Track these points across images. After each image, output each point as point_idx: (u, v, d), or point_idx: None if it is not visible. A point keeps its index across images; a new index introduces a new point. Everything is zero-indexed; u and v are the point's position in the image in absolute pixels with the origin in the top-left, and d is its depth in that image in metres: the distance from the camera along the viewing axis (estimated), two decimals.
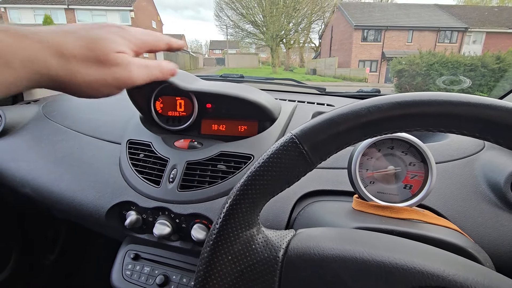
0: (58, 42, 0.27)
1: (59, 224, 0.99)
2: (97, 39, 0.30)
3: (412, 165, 0.43)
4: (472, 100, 0.23)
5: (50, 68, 0.26)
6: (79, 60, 0.28)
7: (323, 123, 0.26)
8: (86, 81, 0.29)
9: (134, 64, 0.33)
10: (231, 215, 0.26)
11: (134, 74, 0.33)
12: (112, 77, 0.31)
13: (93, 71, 0.29)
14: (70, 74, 0.28)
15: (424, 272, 0.22)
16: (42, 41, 0.26)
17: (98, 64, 0.29)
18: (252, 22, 21.72)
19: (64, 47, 0.27)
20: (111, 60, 0.30)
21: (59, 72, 0.27)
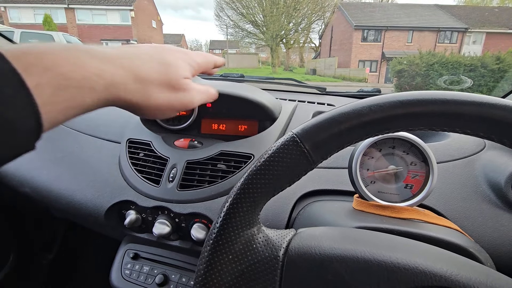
0: (137, 66, 0.29)
1: (58, 223, 0.99)
2: (169, 64, 0.32)
3: (413, 164, 0.42)
4: (476, 99, 0.23)
5: (129, 92, 0.28)
6: (154, 84, 0.30)
7: (324, 122, 0.26)
8: (158, 104, 0.31)
9: (195, 90, 0.36)
10: (231, 214, 0.26)
11: (195, 99, 0.36)
12: (178, 101, 0.33)
13: (165, 95, 0.31)
14: (144, 97, 0.29)
15: (426, 272, 0.21)
16: (124, 66, 0.27)
17: (169, 88, 0.32)
18: (252, 22, 21.72)
19: (142, 72, 0.29)
20: (180, 85, 0.33)
21: (135, 95, 0.28)
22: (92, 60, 0.24)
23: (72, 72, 0.22)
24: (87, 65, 0.24)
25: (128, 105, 0.29)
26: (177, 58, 0.34)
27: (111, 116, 0.75)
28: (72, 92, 0.23)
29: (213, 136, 0.67)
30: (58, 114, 0.22)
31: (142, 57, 0.30)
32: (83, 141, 0.69)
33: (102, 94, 0.25)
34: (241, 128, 0.67)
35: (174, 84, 0.32)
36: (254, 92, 0.64)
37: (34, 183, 0.62)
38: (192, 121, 0.67)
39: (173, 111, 0.34)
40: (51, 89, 0.21)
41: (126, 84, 0.27)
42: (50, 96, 0.21)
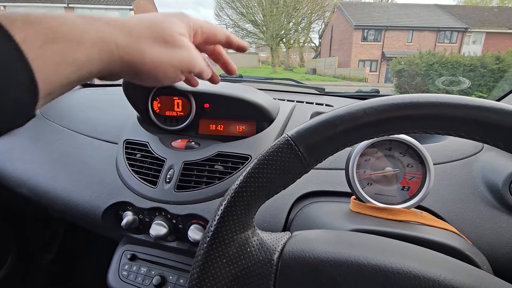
0: (125, 23, 0.28)
1: (56, 224, 0.99)
2: (160, 21, 0.31)
3: (410, 166, 0.42)
4: (470, 103, 0.22)
5: (120, 47, 0.27)
6: (146, 39, 0.29)
7: (319, 124, 0.25)
8: (154, 61, 0.30)
9: (195, 49, 0.34)
10: (225, 217, 0.25)
11: (197, 60, 0.34)
12: (177, 58, 0.31)
13: (160, 51, 0.30)
14: (139, 54, 0.28)
15: (420, 277, 0.21)
16: (110, 23, 0.27)
17: (164, 44, 0.30)
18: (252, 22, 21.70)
19: (131, 28, 0.28)
20: (176, 41, 0.31)
21: (128, 51, 0.28)
22: (77, 18, 0.24)
23: (58, 27, 0.22)
24: (71, 21, 0.24)
25: (124, 65, 0.28)
26: (170, 16, 0.33)
27: (108, 116, 0.75)
28: (60, 46, 0.22)
29: (210, 137, 0.67)
30: (51, 71, 0.22)
31: (131, 19, 0.29)
32: (80, 141, 0.69)
33: (93, 50, 0.25)
34: (238, 129, 0.67)
35: (168, 39, 0.30)
36: (252, 93, 0.64)
37: (31, 184, 0.62)
38: (189, 122, 0.67)
39: (175, 71, 0.32)
40: (39, 42, 0.21)
41: (116, 40, 0.27)
42: (39, 49, 0.21)
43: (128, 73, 0.30)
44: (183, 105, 0.68)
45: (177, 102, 0.68)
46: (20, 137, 0.72)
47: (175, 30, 0.31)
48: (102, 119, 0.74)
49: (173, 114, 0.69)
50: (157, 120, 0.69)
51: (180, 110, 0.68)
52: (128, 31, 0.28)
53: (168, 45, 0.31)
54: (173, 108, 0.68)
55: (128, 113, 0.71)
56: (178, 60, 0.32)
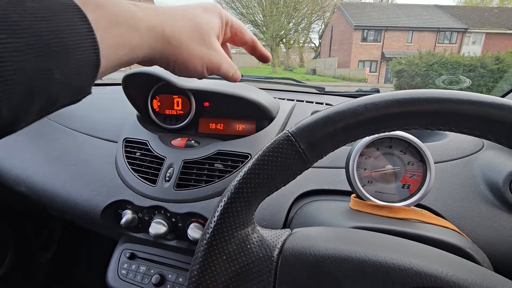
0: (172, 16, 0.31)
1: (55, 222, 0.99)
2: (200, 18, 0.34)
3: (411, 164, 0.42)
4: (472, 98, 0.22)
5: (165, 36, 0.30)
6: (187, 33, 0.32)
7: (319, 120, 0.25)
8: (190, 54, 0.33)
9: (224, 55, 0.37)
10: (225, 214, 0.25)
11: (223, 64, 0.37)
12: (208, 57, 0.34)
13: (195, 47, 0.33)
14: (179, 45, 0.31)
15: (422, 273, 0.21)
16: (160, 13, 0.30)
17: (200, 42, 0.33)
18: (252, 22, 21.69)
19: (176, 20, 0.31)
20: (210, 42, 0.35)
21: (170, 41, 0.30)
22: (134, 7, 0.27)
23: (120, 12, 0.25)
24: (132, 9, 0.27)
25: (163, 53, 0.31)
26: (207, 11, 0.35)
27: (107, 115, 0.75)
28: (121, 29, 0.25)
29: (210, 136, 0.67)
30: (110, 50, 0.24)
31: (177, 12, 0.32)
32: (80, 140, 0.69)
33: (145, 35, 0.28)
34: (238, 128, 0.67)
35: (205, 39, 0.34)
36: (252, 92, 0.64)
37: (30, 182, 0.62)
38: (189, 120, 0.67)
39: (203, 68, 0.35)
40: (105, 24, 0.23)
41: (163, 29, 0.29)
42: (104, 31, 0.23)
43: (165, 61, 0.32)
44: (183, 103, 0.68)
45: (177, 101, 0.68)
46: (19, 135, 0.72)
47: (211, 30, 0.35)
48: (101, 118, 0.74)
49: (172, 113, 0.68)
50: (157, 118, 0.69)
51: (179, 108, 0.68)
52: (174, 23, 0.31)
53: (203, 44, 0.34)
54: (173, 107, 0.68)
55: (128, 112, 0.71)
56: (208, 59, 0.35)
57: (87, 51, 0.22)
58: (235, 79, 0.42)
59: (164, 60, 0.32)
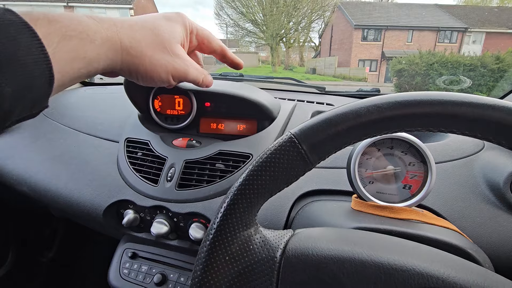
0: (130, 26, 0.31)
1: (56, 222, 0.99)
2: (161, 27, 0.34)
3: (412, 165, 0.42)
4: (474, 100, 0.22)
5: (123, 47, 0.30)
6: (147, 43, 0.32)
7: (322, 122, 0.26)
8: (152, 64, 0.33)
9: (190, 61, 0.37)
10: (228, 214, 0.25)
11: (189, 70, 0.37)
12: (172, 65, 0.35)
13: (158, 56, 0.33)
14: (140, 55, 0.32)
15: (423, 274, 0.21)
16: (117, 24, 0.30)
17: (162, 50, 0.34)
18: (252, 21, 21.67)
19: (135, 30, 0.32)
20: (173, 50, 0.35)
21: (130, 51, 0.31)
22: (89, 19, 0.28)
23: (74, 25, 0.25)
24: (85, 22, 0.27)
25: (124, 64, 0.31)
26: (170, 20, 0.36)
27: (109, 115, 0.75)
28: (75, 42, 0.25)
29: (211, 136, 0.67)
30: (65, 64, 0.25)
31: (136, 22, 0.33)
32: (81, 140, 0.69)
33: (102, 48, 0.28)
34: (239, 128, 0.67)
35: (166, 47, 0.34)
36: (253, 92, 0.64)
37: (32, 182, 0.62)
38: (190, 120, 0.67)
39: (168, 76, 0.35)
40: (57, 38, 0.24)
41: (122, 40, 0.30)
42: (57, 45, 0.24)
43: (127, 72, 0.32)
44: (184, 103, 0.68)
45: (178, 101, 0.68)
46: (21, 135, 0.72)
47: (173, 39, 0.35)
48: (103, 118, 0.74)
49: (174, 113, 0.69)
50: (158, 118, 0.69)
51: (181, 108, 0.68)
52: (133, 34, 0.31)
53: (166, 52, 0.34)
54: (174, 107, 0.68)
55: (129, 112, 0.71)
56: (172, 67, 0.35)
57: (39, 66, 0.22)
58: (206, 85, 0.42)
59: (126, 70, 0.32)
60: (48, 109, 0.79)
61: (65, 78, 0.25)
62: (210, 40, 0.42)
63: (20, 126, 0.75)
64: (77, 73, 0.26)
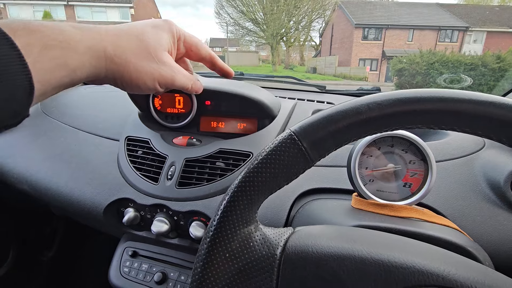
0: (115, 34, 0.31)
1: (57, 220, 0.99)
2: (147, 34, 0.34)
3: (412, 163, 0.42)
4: (474, 97, 0.22)
5: (108, 55, 0.30)
6: (133, 51, 0.32)
7: (322, 120, 0.25)
8: (137, 71, 0.33)
9: (177, 68, 0.37)
10: (228, 212, 0.25)
11: (176, 77, 0.37)
12: (158, 73, 0.34)
13: (143, 63, 0.33)
14: (125, 63, 0.31)
15: (424, 271, 0.21)
16: (101, 32, 0.30)
17: (148, 58, 0.33)
18: (252, 20, 21.64)
19: (120, 38, 0.31)
20: (159, 57, 0.34)
21: (115, 60, 0.31)
22: (72, 28, 0.27)
23: (55, 35, 0.25)
24: (67, 31, 0.27)
25: (109, 72, 0.31)
26: (156, 27, 0.35)
27: (109, 114, 0.75)
28: (57, 52, 0.25)
29: (212, 134, 0.67)
30: (47, 73, 0.24)
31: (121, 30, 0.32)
32: (82, 138, 0.69)
33: (85, 57, 0.28)
34: (240, 126, 0.67)
35: (152, 54, 0.34)
36: (253, 90, 0.64)
37: (33, 181, 0.62)
38: (190, 119, 0.67)
39: (154, 83, 0.35)
40: (38, 48, 0.24)
41: (106, 49, 0.30)
42: (38, 55, 0.24)
43: (112, 79, 0.32)
44: (184, 102, 0.68)
45: (178, 99, 0.68)
46: (21, 134, 0.72)
47: (160, 46, 0.35)
48: (103, 116, 0.74)
49: (174, 111, 0.69)
50: (158, 117, 0.69)
51: (181, 107, 0.68)
52: (117, 42, 0.31)
53: (152, 59, 0.34)
54: (174, 105, 0.68)
55: (129, 110, 0.71)
56: (158, 74, 0.34)
57: (18, 77, 0.22)
58: (196, 91, 0.42)
59: (110, 78, 0.32)
60: (49, 107, 0.79)
61: (46, 88, 0.25)
62: (199, 47, 0.41)
63: (21, 124, 0.74)
64: (59, 81, 0.26)
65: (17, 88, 0.22)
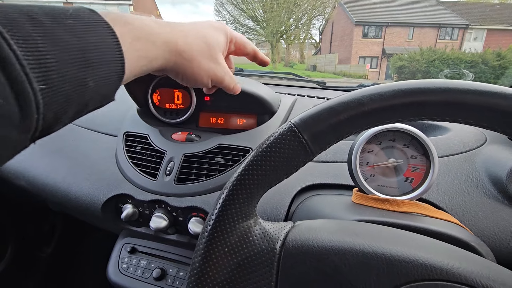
0: (186, 32, 0.35)
1: (56, 217, 0.99)
2: (210, 36, 0.38)
3: (414, 158, 0.42)
4: (480, 88, 0.22)
5: (179, 50, 0.33)
6: (197, 49, 0.36)
7: (323, 111, 0.25)
8: (199, 68, 0.36)
9: (227, 69, 0.41)
10: (227, 206, 0.25)
11: (225, 77, 0.41)
12: (213, 71, 0.38)
13: (204, 62, 0.37)
14: (190, 59, 0.35)
15: (427, 265, 0.21)
16: (175, 29, 0.33)
17: (209, 57, 0.37)
18: (252, 18, 21.57)
19: (188, 37, 0.35)
20: (217, 58, 0.38)
21: (183, 55, 0.34)
22: (153, 23, 0.31)
23: (143, 27, 0.28)
24: (151, 25, 0.30)
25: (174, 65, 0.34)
26: (215, 29, 0.39)
27: (107, 109, 0.74)
28: (142, 43, 0.28)
29: (211, 130, 0.66)
30: (133, 62, 0.27)
31: (190, 29, 0.35)
32: (79, 134, 0.68)
33: (161, 49, 0.31)
34: (239, 122, 0.66)
35: (212, 55, 0.37)
36: (253, 85, 0.64)
37: (30, 176, 0.62)
38: (189, 114, 0.66)
39: (207, 79, 0.38)
40: (129, 39, 0.26)
41: (177, 43, 0.33)
42: (129, 45, 0.26)
43: (175, 72, 0.35)
44: (183, 97, 0.67)
45: (177, 95, 0.67)
46: None
47: (218, 47, 0.39)
48: (101, 112, 0.72)
49: (173, 107, 0.68)
50: (157, 112, 0.68)
51: (180, 102, 0.67)
52: (186, 40, 0.34)
53: (211, 59, 0.37)
54: (173, 101, 0.67)
55: (128, 106, 0.70)
56: (213, 73, 0.38)
57: (115, 62, 0.25)
58: (235, 92, 0.46)
59: (175, 71, 0.35)
60: None
61: (130, 74, 0.28)
62: (246, 46, 0.46)
63: None
64: (139, 70, 0.29)
65: (111, 73, 0.24)
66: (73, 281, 1.04)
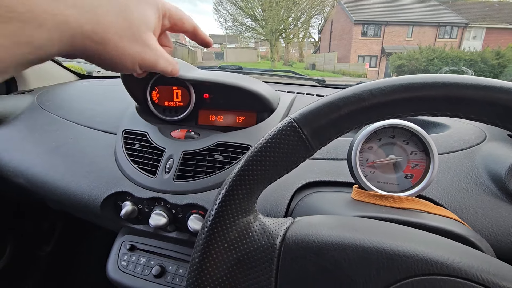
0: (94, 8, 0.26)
1: (55, 215, 0.99)
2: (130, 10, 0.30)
3: (414, 154, 0.42)
4: (481, 82, 0.22)
5: (85, 33, 0.26)
6: (114, 31, 0.28)
7: (323, 106, 0.25)
8: (118, 52, 0.29)
9: (161, 52, 0.34)
10: (227, 201, 0.25)
11: (159, 61, 0.34)
12: (141, 56, 0.31)
13: (126, 44, 0.30)
14: (104, 42, 0.28)
15: (428, 260, 0.21)
16: (76, 5, 0.25)
17: (131, 39, 0.30)
18: (251, 16, 21.52)
19: (100, 15, 0.27)
20: (143, 39, 0.31)
21: (93, 38, 0.27)
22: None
23: (16, 5, 0.21)
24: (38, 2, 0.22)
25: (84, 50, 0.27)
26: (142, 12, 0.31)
27: (106, 107, 0.74)
28: (16, 25, 0.21)
29: (210, 128, 0.66)
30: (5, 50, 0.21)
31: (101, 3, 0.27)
32: (78, 132, 0.68)
33: (54, 33, 0.24)
34: (238, 120, 0.66)
35: (136, 36, 0.30)
36: (252, 83, 0.63)
37: (29, 174, 0.61)
38: (189, 112, 0.66)
39: (132, 64, 0.32)
40: None
41: (82, 26, 0.25)
42: None
43: (87, 57, 0.29)
44: (182, 95, 0.67)
45: (176, 92, 0.67)
46: (17, 127, 0.71)
47: (145, 26, 0.31)
48: (100, 110, 0.73)
49: (172, 105, 0.68)
50: (156, 110, 0.68)
51: (179, 100, 0.67)
52: (96, 18, 0.26)
53: (135, 41, 0.30)
54: (172, 99, 0.67)
55: (127, 104, 0.70)
56: (140, 58, 0.32)
57: None
58: (173, 75, 0.39)
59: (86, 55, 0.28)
60: (45, 101, 0.78)
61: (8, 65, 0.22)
62: (183, 21, 0.38)
63: (17, 118, 0.74)
64: (23, 59, 0.23)
65: None
66: (73, 279, 1.04)
